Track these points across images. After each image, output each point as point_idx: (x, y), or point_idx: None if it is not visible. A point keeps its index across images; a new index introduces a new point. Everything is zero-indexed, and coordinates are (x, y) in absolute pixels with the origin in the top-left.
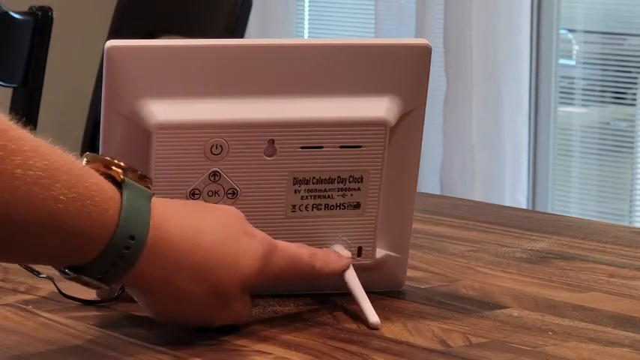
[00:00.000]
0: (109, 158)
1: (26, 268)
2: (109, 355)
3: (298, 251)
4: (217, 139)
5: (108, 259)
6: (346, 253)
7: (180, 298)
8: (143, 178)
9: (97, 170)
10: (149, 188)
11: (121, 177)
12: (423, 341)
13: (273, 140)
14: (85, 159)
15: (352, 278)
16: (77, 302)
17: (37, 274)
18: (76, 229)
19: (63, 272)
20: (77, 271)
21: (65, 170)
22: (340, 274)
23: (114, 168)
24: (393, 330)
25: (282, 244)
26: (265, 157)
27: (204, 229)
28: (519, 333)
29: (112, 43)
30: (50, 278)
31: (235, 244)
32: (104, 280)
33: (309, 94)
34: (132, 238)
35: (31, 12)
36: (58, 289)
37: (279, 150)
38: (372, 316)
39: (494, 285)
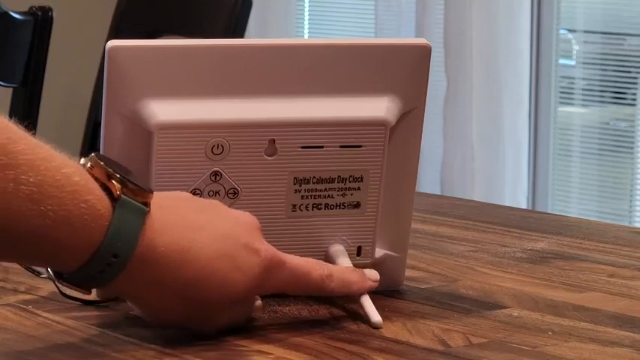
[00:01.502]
0: (110, 170)
1: (27, 268)
2: (109, 355)
3: (308, 271)
4: (218, 139)
5: (89, 272)
6: (374, 275)
7: (162, 309)
8: (143, 191)
9: (97, 179)
10: (147, 204)
11: (118, 193)
12: (423, 341)
13: (274, 140)
14: (89, 162)
15: None
16: (77, 302)
17: (38, 274)
18: (63, 243)
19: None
20: (59, 276)
21: (58, 186)
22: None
23: (113, 182)
24: (393, 330)
25: (293, 261)
26: (266, 156)
27: (197, 247)
28: (519, 333)
29: (113, 43)
30: (51, 278)
31: (230, 260)
32: (84, 288)
33: (310, 94)
34: (115, 256)
35: (31, 12)
36: (58, 289)
37: (279, 150)
38: (375, 316)
39: (494, 285)
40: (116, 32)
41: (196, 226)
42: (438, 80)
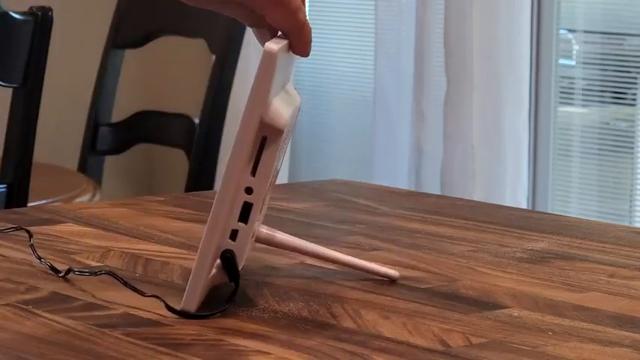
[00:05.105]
0: None
1: (51, 267)
2: (109, 355)
3: None
4: None
5: None
6: None
7: None
8: None
9: None
10: None
11: None
12: (423, 341)
13: None
14: None
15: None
16: (180, 317)
17: (142, 293)
18: None
19: None
20: None
21: None
22: None
23: None
24: (393, 330)
25: None
26: None
27: None
28: (519, 333)
29: (271, 44)
30: (156, 297)
31: None
32: None
33: None
34: None
35: (31, 12)
36: (165, 304)
37: None
38: (389, 270)
39: (494, 285)
40: (116, 32)
41: None
42: (438, 80)
